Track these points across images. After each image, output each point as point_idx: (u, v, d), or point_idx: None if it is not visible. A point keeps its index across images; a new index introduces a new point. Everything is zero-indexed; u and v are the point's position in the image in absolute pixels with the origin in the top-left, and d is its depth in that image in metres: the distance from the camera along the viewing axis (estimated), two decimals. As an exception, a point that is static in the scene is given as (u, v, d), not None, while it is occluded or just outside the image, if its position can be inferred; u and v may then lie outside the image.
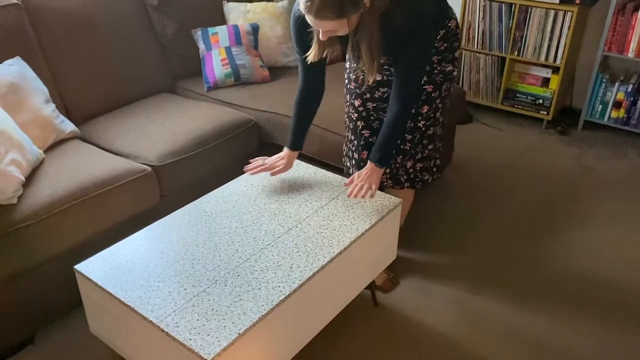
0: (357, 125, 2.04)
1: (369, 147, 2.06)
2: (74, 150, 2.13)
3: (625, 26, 3.07)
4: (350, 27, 1.57)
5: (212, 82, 2.74)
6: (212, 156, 2.34)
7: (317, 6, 1.49)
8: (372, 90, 1.96)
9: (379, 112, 2.01)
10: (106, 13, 2.51)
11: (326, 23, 1.53)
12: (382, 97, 1.98)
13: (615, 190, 2.83)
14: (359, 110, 2.01)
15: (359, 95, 1.99)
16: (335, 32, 1.59)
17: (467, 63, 3.54)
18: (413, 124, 1.99)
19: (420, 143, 2.02)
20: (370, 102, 1.99)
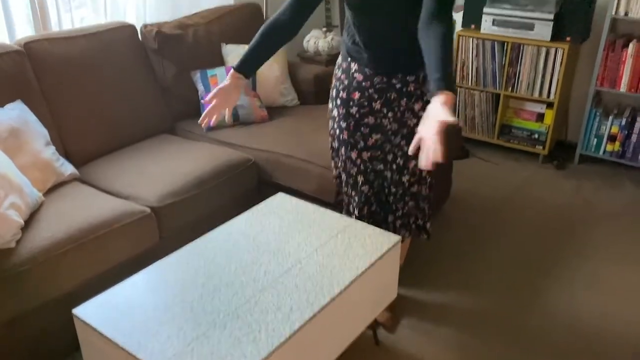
0: (357, 180, 2.02)
1: (369, 202, 2.06)
2: (73, 192, 2.14)
3: (615, 61, 3.13)
4: None
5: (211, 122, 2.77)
6: (211, 196, 2.35)
7: None
8: (366, 137, 1.95)
9: (374, 162, 2.00)
10: (107, 57, 2.56)
11: None
12: (376, 144, 1.97)
13: (614, 224, 2.83)
14: (357, 163, 2.00)
15: (354, 145, 1.97)
16: None
17: (462, 100, 3.60)
18: (398, 178, 1.98)
19: (402, 200, 2.01)
20: (365, 152, 1.98)
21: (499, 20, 3.29)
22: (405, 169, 1.97)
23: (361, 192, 2.04)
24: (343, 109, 1.95)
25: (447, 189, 2.90)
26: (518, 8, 3.23)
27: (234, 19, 3.11)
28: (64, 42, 2.43)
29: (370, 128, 1.94)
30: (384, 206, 2.05)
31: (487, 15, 3.32)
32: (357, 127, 1.95)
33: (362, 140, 1.96)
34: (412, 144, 1.49)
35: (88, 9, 2.87)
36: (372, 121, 1.93)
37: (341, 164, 2.05)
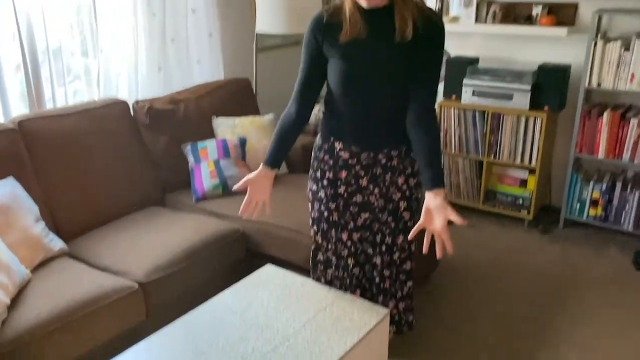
0: (348, 263, 2.03)
1: (360, 285, 2.07)
2: (61, 268, 2.14)
3: (592, 129, 3.25)
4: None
5: (201, 193, 2.81)
6: (200, 268, 2.36)
7: None
8: (355, 217, 1.98)
9: (363, 243, 2.03)
10: (99, 132, 2.62)
11: None
12: (365, 224, 1.99)
13: (600, 290, 2.85)
14: (348, 245, 2.02)
15: (344, 227, 1.99)
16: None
17: (447, 166, 3.68)
18: (389, 258, 2.00)
19: (398, 279, 2.03)
20: (355, 233, 2.01)
21: (478, 91, 3.43)
22: (394, 246, 1.99)
23: (352, 275, 2.06)
24: (331, 190, 1.96)
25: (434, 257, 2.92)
26: (496, 79, 3.37)
27: (224, 93, 3.22)
28: (57, 119, 2.50)
29: (359, 206, 1.97)
30: (383, 292, 2.04)
31: (467, 86, 3.46)
32: (347, 206, 1.97)
33: (352, 221, 1.98)
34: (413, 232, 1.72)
35: (82, 82, 2.96)
36: (360, 199, 1.96)
37: (331, 247, 2.04)
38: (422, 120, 1.75)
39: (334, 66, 1.80)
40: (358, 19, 1.71)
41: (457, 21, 3.59)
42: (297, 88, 1.89)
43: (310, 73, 1.84)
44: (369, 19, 1.71)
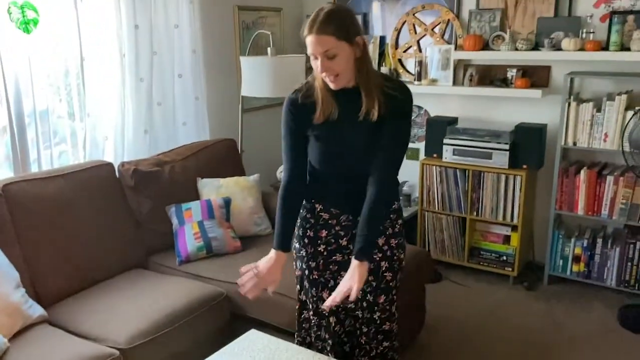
0: (330, 322, 2.03)
1: (343, 343, 2.06)
2: (40, 336, 2.09)
3: (571, 186, 3.33)
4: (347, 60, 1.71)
5: (184, 256, 2.80)
6: (182, 333, 2.32)
7: (319, 23, 1.67)
8: (335, 275, 2.00)
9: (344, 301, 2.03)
10: (83, 195, 2.62)
11: (326, 39, 1.67)
12: None
13: (586, 347, 2.84)
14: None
15: (325, 285, 2.00)
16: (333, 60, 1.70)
17: (431, 223, 3.72)
18: (369, 315, 2.01)
19: (375, 338, 2.03)
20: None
21: (458, 150, 3.52)
22: (375, 305, 1.99)
23: (334, 333, 2.04)
24: (311, 248, 2.00)
25: (421, 317, 2.91)
26: (475, 139, 3.47)
27: (209, 153, 3.25)
28: (41, 182, 2.50)
29: (338, 265, 1.99)
30: (359, 347, 2.04)
31: (447, 145, 3.55)
32: (327, 265, 2.00)
33: (332, 279, 2.00)
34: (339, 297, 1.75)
35: (67, 145, 2.98)
36: (339, 258, 1.98)
37: (312, 306, 2.04)
38: (376, 189, 1.81)
39: (311, 144, 1.89)
40: (330, 100, 1.80)
41: (436, 83, 3.72)
42: (285, 159, 1.93)
43: (294, 145, 1.90)
44: (340, 99, 1.81)
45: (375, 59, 3.95)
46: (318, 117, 1.81)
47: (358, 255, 1.79)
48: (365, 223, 1.80)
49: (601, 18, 3.25)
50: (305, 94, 1.84)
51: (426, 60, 3.76)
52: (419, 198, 3.72)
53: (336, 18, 1.70)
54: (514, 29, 3.49)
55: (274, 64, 3.27)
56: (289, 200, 1.92)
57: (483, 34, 3.57)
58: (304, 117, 1.84)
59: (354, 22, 1.76)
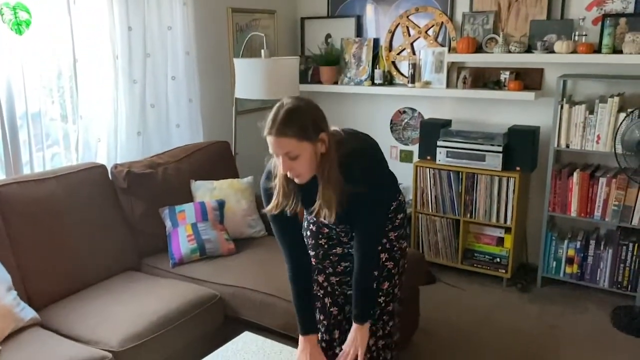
0: (325, 302, 2.06)
1: (340, 326, 2.08)
2: (32, 339, 2.07)
3: (564, 189, 3.34)
4: (310, 158, 1.63)
5: (178, 258, 2.79)
6: (176, 335, 2.30)
7: (279, 124, 1.59)
8: (334, 264, 2.03)
9: (343, 286, 2.06)
10: (76, 197, 2.61)
11: (286, 141, 1.60)
12: (345, 270, 2.04)
13: (580, 349, 2.85)
14: (324, 285, 2.06)
15: (322, 270, 2.05)
16: (295, 160, 1.62)
17: (424, 225, 3.72)
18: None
19: (381, 319, 2.05)
20: (333, 277, 2.05)
21: (452, 152, 3.52)
22: (379, 290, 2.02)
23: (330, 314, 2.06)
24: (312, 240, 2.03)
25: (415, 319, 2.91)
26: (469, 141, 3.48)
27: (203, 155, 3.24)
28: (34, 184, 2.49)
29: (339, 257, 2.02)
30: None
31: (440, 147, 3.56)
32: (326, 256, 2.03)
33: (330, 267, 2.03)
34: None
35: (60, 147, 2.96)
36: (339, 251, 2.01)
37: None
38: (361, 260, 1.83)
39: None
40: (289, 192, 1.76)
41: (429, 85, 3.73)
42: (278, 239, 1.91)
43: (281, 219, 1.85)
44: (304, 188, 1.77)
45: (369, 62, 3.96)
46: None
47: (358, 320, 1.86)
48: (358, 295, 1.85)
49: (593, 21, 3.27)
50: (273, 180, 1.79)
51: (420, 63, 3.77)
52: (413, 200, 3.72)
53: (297, 118, 1.61)
54: (507, 32, 3.50)
55: (267, 66, 3.27)
56: (300, 284, 1.91)
57: (476, 37, 3.59)
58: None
59: (317, 119, 1.66)
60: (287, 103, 1.64)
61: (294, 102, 1.65)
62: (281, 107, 1.64)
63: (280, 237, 1.89)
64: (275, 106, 1.66)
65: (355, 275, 1.85)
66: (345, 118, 4.06)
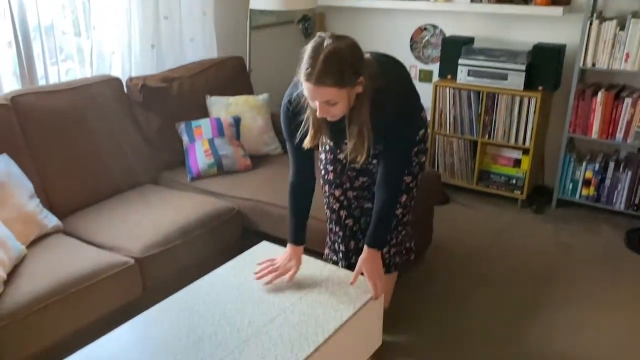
0: (340, 215, 2.08)
1: (355, 237, 2.11)
2: (56, 244, 2.14)
3: (586, 109, 3.26)
4: (348, 101, 1.58)
5: (195, 172, 2.81)
6: (195, 245, 2.36)
7: (319, 72, 1.50)
8: (352, 180, 2.03)
9: (360, 200, 2.08)
10: (92, 110, 2.60)
11: (326, 90, 1.53)
12: (363, 185, 2.05)
13: (593, 269, 2.88)
14: (340, 199, 2.07)
15: (339, 185, 2.05)
16: (333, 106, 1.58)
17: (441, 146, 3.69)
18: None
19: (396, 229, 2.08)
20: (350, 191, 2.06)
21: (473, 70, 3.43)
22: (398, 204, 2.03)
23: (345, 226, 2.09)
24: (331, 155, 2.03)
25: (428, 236, 2.94)
26: (491, 59, 3.37)
27: (218, 71, 3.19)
28: (50, 95, 2.48)
29: (357, 172, 2.01)
30: None
31: (462, 66, 3.46)
32: (344, 171, 2.02)
33: (348, 182, 2.04)
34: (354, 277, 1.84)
35: (74, 61, 2.93)
36: (358, 166, 1.99)
37: (325, 200, 2.11)
38: (386, 184, 1.82)
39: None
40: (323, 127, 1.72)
41: (452, 0, 3.57)
42: (291, 155, 1.89)
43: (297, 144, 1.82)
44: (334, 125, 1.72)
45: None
46: (307, 143, 1.75)
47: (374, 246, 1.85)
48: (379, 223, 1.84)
49: None
50: (296, 109, 1.74)
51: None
52: (431, 121, 3.66)
53: (337, 64, 1.51)
54: (537, -58, 3.30)
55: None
56: (298, 201, 1.92)
57: (504, -53, 3.38)
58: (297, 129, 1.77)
59: (357, 61, 1.57)
60: (327, 45, 1.52)
61: (334, 45, 1.52)
62: (320, 49, 1.52)
63: (294, 157, 1.88)
64: (312, 46, 1.55)
65: (378, 204, 1.84)
66: (362, 35, 3.93)
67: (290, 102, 1.76)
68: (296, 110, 1.74)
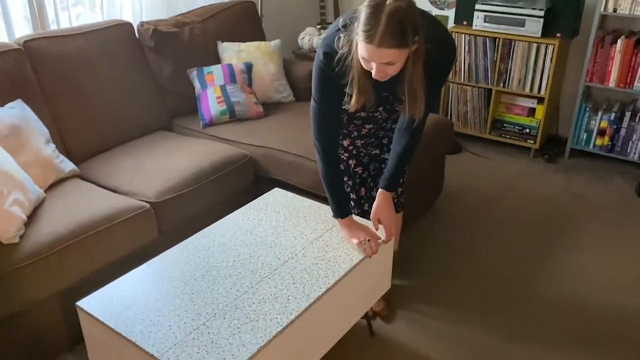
0: (350, 164, 2.09)
1: (365, 184, 2.13)
2: (73, 189, 2.18)
3: (604, 57, 3.19)
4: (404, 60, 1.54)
5: (208, 119, 2.82)
6: (208, 191, 2.40)
7: (382, 33, 1.43)
8: (359, 128, 2.03)
9: (367, 148, 2.08)
10: (104, 55, 2.59)
11: (388, 52, 1.46)
12: (369, 132, 2.05)
13: (603, 217, 2.89)
14: (349, 149, 2.07)
15: (347, 135, 2.04)
16: (390, 66, 1.52)
17: (455, 95, 3.65)
18: None
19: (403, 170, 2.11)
20: (358, 140, 2.06)
21: (490, 16, 3.34)
22: None
23: (355, 174, 2.11)
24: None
25: (439, 184, 2.96)
26: (509, 5, 3.28)
27: (229, 16, 3.14)
28: (62, 40, 2.47)
29: (362, 120, 2.01)
30: None
31: (478, 11, 3.37)
32: (350, 120, 2.02)
33: (355, 131, 2.04)
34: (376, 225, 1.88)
35: (85, 6, 2.90)
36: (364, 115, 1.99)
37: None
38: (411, 130, 1.80)
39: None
40: (369, 89, 1.64)
41: (471, -58, 3.44)
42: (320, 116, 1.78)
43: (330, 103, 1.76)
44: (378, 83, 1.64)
45: None
46: (352, 106, 1.67)
47: (390, 188, 1.86)
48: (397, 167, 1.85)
49: None
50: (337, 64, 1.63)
51: None
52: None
53: (399, 24, 1.43)
54: None
55: None
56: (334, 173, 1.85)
57: None
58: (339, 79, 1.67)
59: (416, 19, 1.49)
60: (389, 4, 1.44)
61: (396, 4, 1.45)
62: (381, 8, 1.44)
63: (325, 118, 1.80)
64: (371, 4, 1.46)
65: (399, 149, 1.84)
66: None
67: (328, 57, 1.65)
68: (336, 68, 1.64)
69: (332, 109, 1.80)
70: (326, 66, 1.67)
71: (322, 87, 1.73)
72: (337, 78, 1.67)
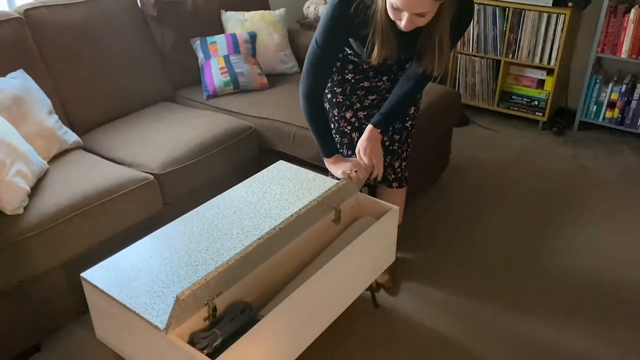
0: (353, 137, 2.06)
1: None
2: (77, 160, 2.17)
3: (617, 27, 3.11)
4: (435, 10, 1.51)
5: (212, 90, 2.78)
6: (212, 163, 2.38)
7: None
8: (362, 99, 2.00)
9: (370, 119, 2.05)
10: (106, 25, 2.55)
11: (424, 3, 1.45)
12: (372, 104, 2.02)
13: (611, 190, 2.87)
14: (352, 121, 2.04)
15: (349, 107, 2.02)
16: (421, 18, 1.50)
17: (463, 66, 3.59)
18: (401, 125, 2.06)
19: (406, 142, 2.10)
20: (361, 112, 2.03)
21: (500, -15, 3.26)
22: (407, 116, 2.04)
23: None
24: (338, 76, 1.98)
25: (446, 157, 2.93)
26: (520, -27, 3.20)
27: (233, -16, 3.08)
28: (63, 9, 2.43)
29: (365, 90, 1.98)
30: (391, 153, 2.10)
31: (488, -20, 3.29)
32: (353, 91, 1.99)
33: (358, 102, 2.01)
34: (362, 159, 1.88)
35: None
36: (367, 84, 1.96)
37: (334, 124, 2.07)
38: (418, 77, 1.79)
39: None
40: (391, 40, 1.60)
41: None
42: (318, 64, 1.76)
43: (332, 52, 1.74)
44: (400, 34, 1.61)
45: None
46: (374, 58, 1.64)
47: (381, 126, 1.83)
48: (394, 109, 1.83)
49: None
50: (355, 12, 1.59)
51: None
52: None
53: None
54: None
55: None
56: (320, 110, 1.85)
57: None
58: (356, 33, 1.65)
59: None
60: None
61: None
62: None
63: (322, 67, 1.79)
64: None
65: (401, 92, 1.82)
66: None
67: (345, 3, 1.61)
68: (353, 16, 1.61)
69: (333, 57, 1.78)
70: (341, 12, 1.63)
71: (330, 33, 1.69)
72: (352, 27, 1.64)
